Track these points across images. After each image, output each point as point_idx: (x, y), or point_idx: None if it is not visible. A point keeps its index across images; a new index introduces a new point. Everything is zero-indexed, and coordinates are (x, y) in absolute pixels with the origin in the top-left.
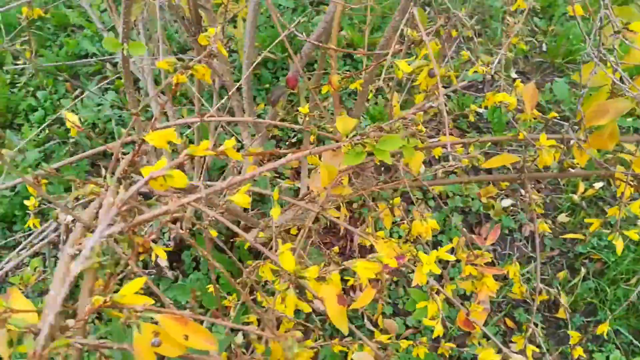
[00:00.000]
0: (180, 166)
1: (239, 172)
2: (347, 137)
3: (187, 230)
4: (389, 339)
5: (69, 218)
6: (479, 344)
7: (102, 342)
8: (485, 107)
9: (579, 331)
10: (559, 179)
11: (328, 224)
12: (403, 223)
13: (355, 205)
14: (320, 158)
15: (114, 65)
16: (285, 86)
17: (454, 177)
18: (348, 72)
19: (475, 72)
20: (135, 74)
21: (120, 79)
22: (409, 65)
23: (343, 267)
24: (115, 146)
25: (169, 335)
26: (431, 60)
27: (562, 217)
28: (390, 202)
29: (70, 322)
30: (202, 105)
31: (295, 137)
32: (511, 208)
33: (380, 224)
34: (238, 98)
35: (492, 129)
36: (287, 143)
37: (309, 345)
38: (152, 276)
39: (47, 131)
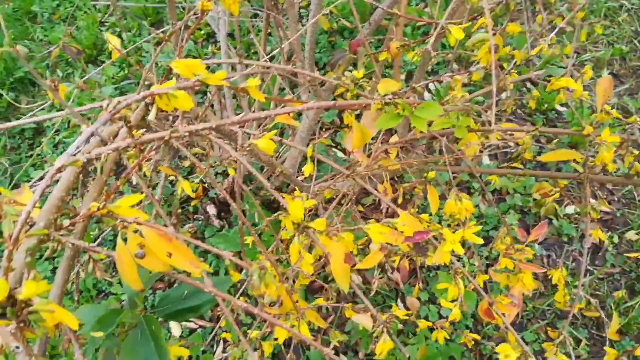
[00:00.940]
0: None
1: (293, 136)
2: (380, 96)
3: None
4: (408, 315)
5: (89, 130)
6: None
7: (92, 245)
8: (566, 106)
9: (626, 355)
10: (635, 193)
11: (376, 200)
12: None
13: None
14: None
15: (196, 14)
16: (347, 50)
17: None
18: (408, 41)
19: (563, 67)
20: (212, 26)
21: (200, 30)
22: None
23: (356, 227)
24: (144, 72)
25: (152, 250)
26: (488, 32)
27: (631, 235)
28: (425, 175)
29: (66, 221)
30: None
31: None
32: (576, 216)
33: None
34: (302, 59)
35: (570, 129)
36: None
37: (320, 303)
38: (200, 222)
39: (126, 71)
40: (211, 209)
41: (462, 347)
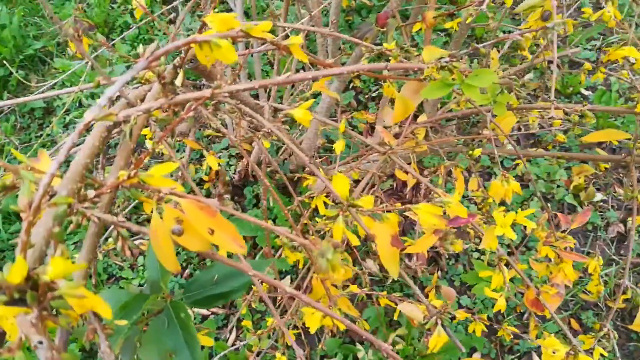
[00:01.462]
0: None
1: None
2: (433, 60)
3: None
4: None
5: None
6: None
7: (121, 220)
8: (593, 90)
9: None
10: None
11: (394, 185)
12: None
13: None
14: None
15: None
16: (374, 24)
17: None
18: (445, 11)
19: (589, 49)
20: (229, 3)
21: (215, 8)
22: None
23: (402, 209)
24: (175, 29)
25: (192, 226)
26: None
27: None
28: (469, 152)
29: (91, 192)
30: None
31: (377, 91)
32: (600, 204)
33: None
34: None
35: (597, 115)
36: (366, 96)
37: (354, 290)
38: None
39: (137, 49)
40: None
41: (483, 338)
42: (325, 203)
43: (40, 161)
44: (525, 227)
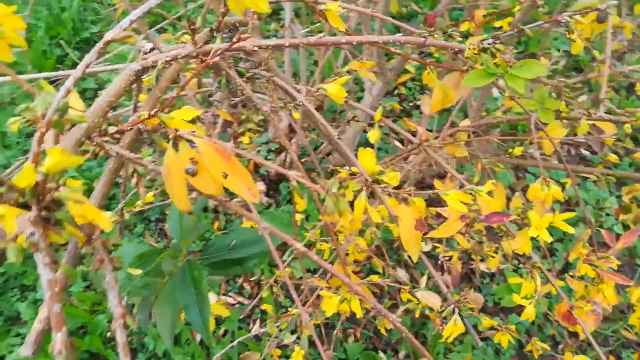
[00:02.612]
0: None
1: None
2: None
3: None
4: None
5: (149, 46)
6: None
7: (138, 157)
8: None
9: None
10: None
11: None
12: None
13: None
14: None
15: None
16: (421, 24)
17: None
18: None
19: None
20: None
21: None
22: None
23: (430, 193)
24: None
25: (206, 168)
26: None
27: None
28: (509, 151)
29: (111, 128)
30: None
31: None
32: None
33: None
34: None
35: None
36: (410, 104)
37: (375, 280)
38: None
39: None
40: (260, 186)
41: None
42: None
43: (70, 99)
44: (556, 250)
